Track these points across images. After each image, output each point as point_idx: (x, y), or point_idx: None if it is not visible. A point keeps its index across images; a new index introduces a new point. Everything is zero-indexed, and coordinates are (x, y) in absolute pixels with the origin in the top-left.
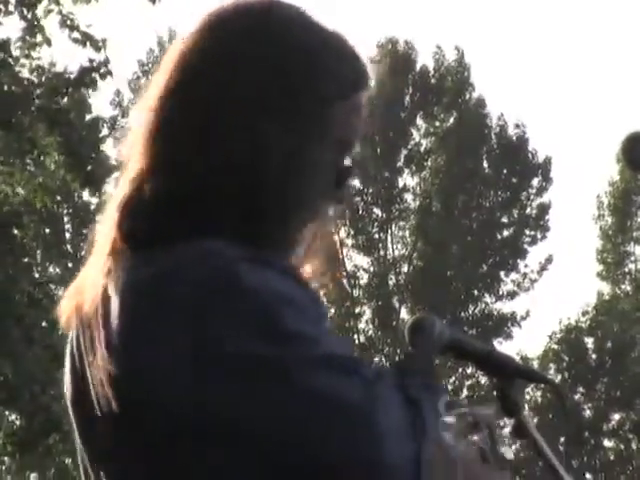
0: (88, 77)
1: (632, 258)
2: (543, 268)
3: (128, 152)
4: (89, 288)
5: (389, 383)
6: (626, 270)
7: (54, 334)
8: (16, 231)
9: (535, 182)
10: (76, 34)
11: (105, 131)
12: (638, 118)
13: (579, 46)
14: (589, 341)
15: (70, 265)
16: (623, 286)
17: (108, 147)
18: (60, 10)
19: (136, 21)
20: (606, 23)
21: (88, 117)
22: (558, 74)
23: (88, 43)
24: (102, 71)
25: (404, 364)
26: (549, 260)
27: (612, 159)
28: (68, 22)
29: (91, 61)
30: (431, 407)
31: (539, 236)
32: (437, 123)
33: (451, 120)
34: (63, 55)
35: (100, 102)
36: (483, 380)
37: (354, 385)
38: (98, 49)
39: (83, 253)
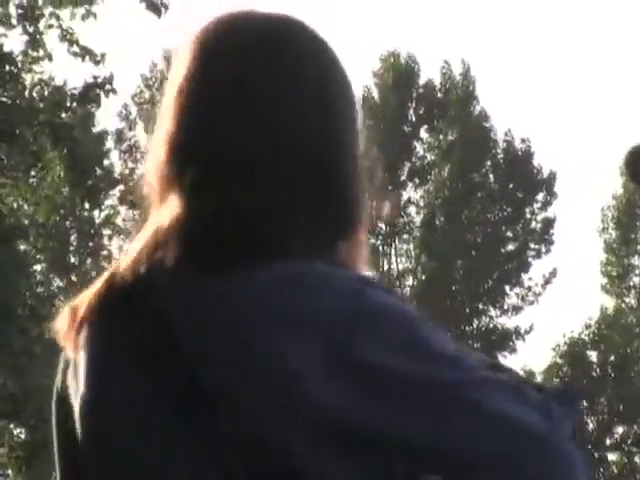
0: (92, 93)
1: (637, 271)
2: (547, 282)
3: (166, 171)
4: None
5: (559, 412)
6: (630, 283)
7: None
8: (21, 245)
9: (540, 197)
10: (75, 48)
11: (110, 143)
12: None
13: (583, 60)
14: (592, 355)
15: (74, 279)
16: (627, 299)
17: (113, 159)
18: (60, 24)
19: (141, 34)
20: (608, 39)
21: (94, 130)
22: (563, 88)
23: (87, 57)
24: (107, 88)
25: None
26: (553, 274)
27: (616, 172)
28: (68, 36)
29: (95, 77)
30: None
31: (543, 250)
32: (441, 136)
33: (455, 134)
34: (61, 69)
35: (106, 114)
36: None
37: (534, 412)
38: (97, 63)
39: (88, 267)
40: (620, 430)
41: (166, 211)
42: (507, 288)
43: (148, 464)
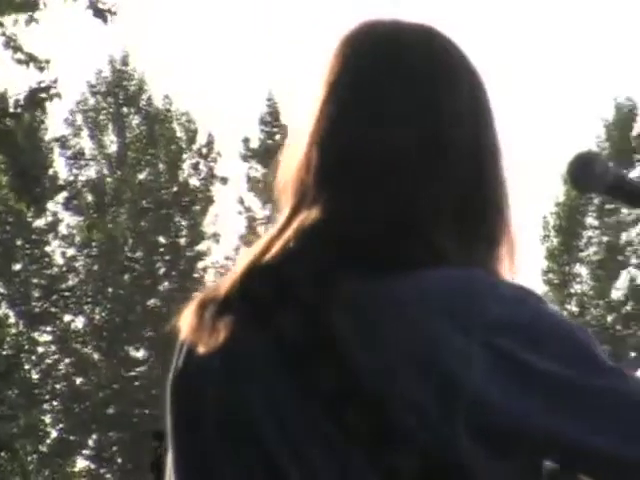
0: (37, 98)
1: (578, 279)
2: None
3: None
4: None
5: None
6: (572, 291)
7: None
8: None
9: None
10: (20, 55)
11: (56, 150)
12: (584, 139)
13: (526, 67)
14: None
15: (21, 289)
16: (569, 307)
17: (58, 166)
18: (3, 32)
19: (86, 41)
20: (548, 47)
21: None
22: (507, 95)
23: (32, 64)
24: (52, 92)
25: None
26: None
27: (558, 180)
28: (12, 43)
29: (39, 83)
30: None
31: None
32: None
33: None
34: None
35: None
36: None
37: None
38: (42, 69)
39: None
40: None
41: (313, 212)
42: None
43: (295, 467)
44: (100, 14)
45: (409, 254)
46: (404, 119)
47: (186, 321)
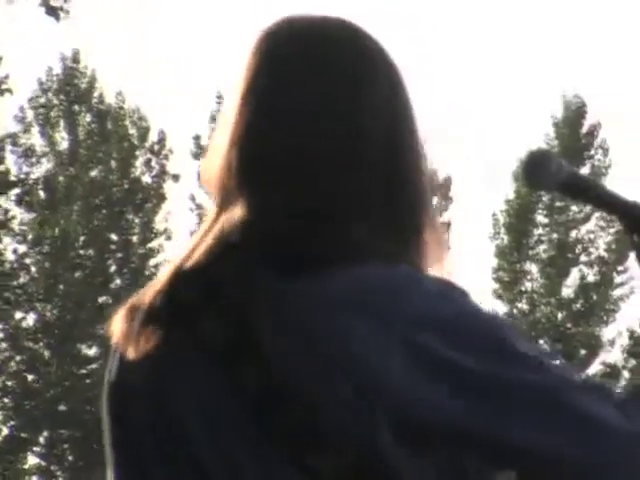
0: None
1: (528, 277)
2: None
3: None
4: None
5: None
6: (522, 289)
7: None
8: None
9: (435, 201)
10: None
11: (8, 148)
12: (533, 137)
13: (478, 68)
14: None
15: None
16: (519, 304)
17: (9, 163)
18: None
19: (37, 38)
20: (498, 42)
21: None
22: (457, 94)
23: None
24: (2, 88)
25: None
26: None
27: (508, 178)
28: None
29: None
30: None
31: None
32: None
33: None
34: None
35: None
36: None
37: (619, 413)
38: None
39: None
40: None
41: (235, 212)
42: None
43: (222, 468)
44: (52, 12)
45: (330, 250)
46: (321, 114)
47: (117, 327)
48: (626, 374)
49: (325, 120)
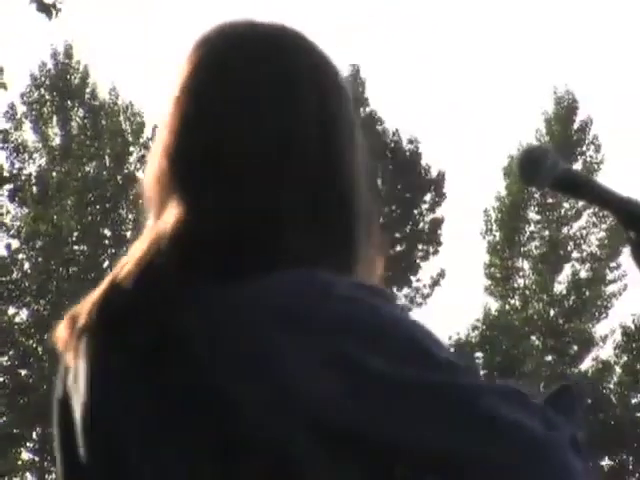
0: None
1: (521, 273)
2: (435, 283)
3: (163, 179)
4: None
5: (558, 419)
6: (515, 285)
7: None
8: None
9: (428, 197)
10: None
11: None
12: (524, 133)
13: (470, 63)
14: (479, 356)
15: None
16: (512, 301)
17: (1, 159)
18: None
19: (30, 33)
20: (497, 43)
21: None
22: (448, 90)
23: None
24: None
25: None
26: (441, 275)
27: (499, 174)
28: None
29: None
30: (584, 450)
31: (432, 251)
32: None
33: None
34: None
35: None
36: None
37: (533, 419)
38: None
39: None
40: None
41: (165, 219)
42: (395, 289)
43: (149, 469)
44: (44, 9)
45: (257, 257)
46: (249, 123)
47: (59, 336)
48: (618, 370)
49: (252, 125)
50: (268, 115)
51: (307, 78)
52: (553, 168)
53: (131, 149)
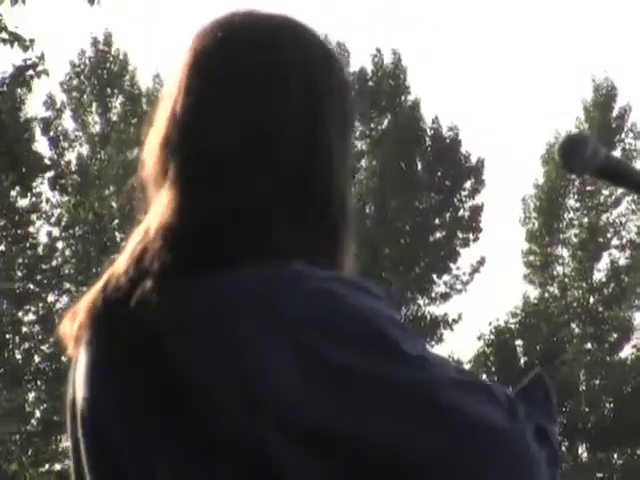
0: (22, 77)
1: (560, 261)
2: (475, 270)
3: (157, 167)
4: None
5: (522, 410)
6: (554, 273)
7: None
8: None
9: (468, 184)
10: (4, 34)
11: (38, 132)
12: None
13: (510, 51)
14: (519, 344)
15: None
16: (551, 289)
17: (41, 148)
18: None
19: (70, 21)
20: (537, 31)
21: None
22: (491, 75)
23: (16, 44)
24: (38, 69)
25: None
26: (481, 262)
27: (537, 161)
28: None
29: (25, 60)
30: (555, 440)
31: (472, 238)
32: (372, 125)
33: (386, 123)
34: None
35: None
36: None
37: (496, 410)
38: (26, 49)
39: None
40: None
41: (155, 210)
42: (435, 276)
43: (137, 465)
44: None
45: (237, 251)
46: (236, 116)
47: (64, 330)
48: None
49: (234, 122)
50: (251, 111)
51: (298, 74)
52: (594, 155)
53: None
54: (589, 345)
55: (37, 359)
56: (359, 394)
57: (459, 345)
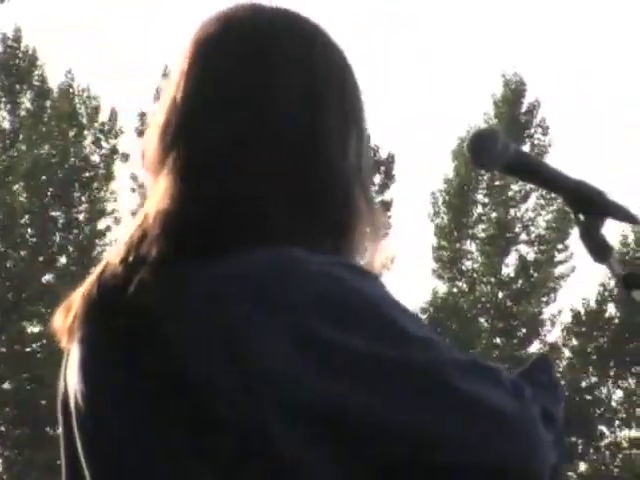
0: None
1: (469, 256)
2: (384, 266)
3: (157, 156)
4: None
5: (528, 392)
6: (463, 268)
7: None
8: None
9: (377, 179)
10: None
11: None
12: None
13: (420, 46)
14: None
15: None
16: (460, 284)
17: None
18: None
19: None
20: (444, 23)
21: None
22: (398, 71)
23: None
24: None
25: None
26: (390, 258)
27: (447, 156)
28: None
29: None
30: (559, 422)
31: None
32: None
33: None
34: None
35: None
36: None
37: (502, 393)
38: None
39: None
40: None
41: (153, 197)
42: None
43: (133, 453)
44: None
45: (236, 239)
46: (234, 104)
47: (57, 323)
48: (567, 353)
49: (237, 110)
50: (248, 101)
51: (295, 63)
52: (504, 150)
53: (85, 132)
54: (498, 340)
55: None
56: (359, 375)
57: None
